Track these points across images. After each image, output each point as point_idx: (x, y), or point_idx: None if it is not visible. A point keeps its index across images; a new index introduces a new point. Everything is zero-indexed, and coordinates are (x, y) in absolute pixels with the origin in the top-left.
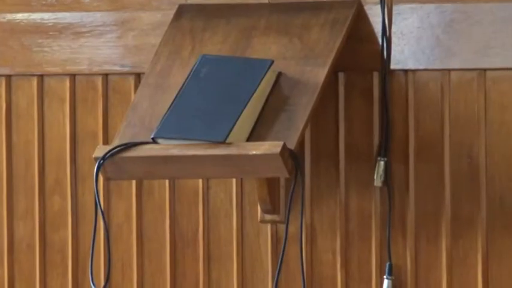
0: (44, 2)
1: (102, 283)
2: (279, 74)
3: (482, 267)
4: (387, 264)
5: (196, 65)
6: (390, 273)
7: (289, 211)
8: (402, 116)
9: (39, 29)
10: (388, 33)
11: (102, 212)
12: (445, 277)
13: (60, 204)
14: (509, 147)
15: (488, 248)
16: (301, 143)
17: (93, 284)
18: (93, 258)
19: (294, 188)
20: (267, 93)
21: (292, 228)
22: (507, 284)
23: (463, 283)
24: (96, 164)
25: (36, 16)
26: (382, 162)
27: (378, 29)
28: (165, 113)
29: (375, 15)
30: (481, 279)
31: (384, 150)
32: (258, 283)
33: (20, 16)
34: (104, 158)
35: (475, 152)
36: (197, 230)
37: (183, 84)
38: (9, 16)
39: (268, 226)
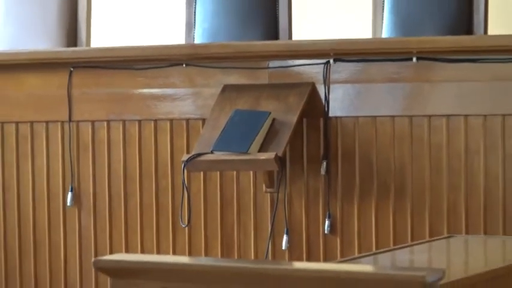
0: (156, 83)
1: (186, 222)
2: (274, 119)
3: (375, 215)
4: (327, 213)
5: (232, 115)
6: (329, 217)
7: (278, 187)
8: (335, 140)
9: (154, 97)
10: (327, 98)
11: (186, 188)
12: (356, 220)
13: (165, 184)
14: (387, 154)
15: (378, 205)
16: (284, 153)
17: (182, 223)
18: (182, 211)
19: (281, 175)
20: (267, 128)
21: (281, 196)
22: (386, 222)
23: (366, 223)
24: (183, 164)
25: (153, 90)
26: (324, 162)
27: (322, 95)
28: (217, 138)
29: (321, 89)
30: (374, 222)
31: (326, 156)
32: (263, 224)
33: (144, 90)
34: (187, 160)
35: (371, 157)
36: (233, 196)
37: (226, 124)
38: (140, 90)
39: (269, 195)
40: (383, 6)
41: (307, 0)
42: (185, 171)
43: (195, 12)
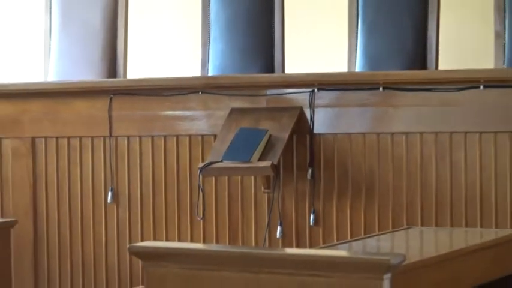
0: (178, 106)
1: (201, 216)
2: (270, 135)
3: (349, 211)
4: (312, 209)
5: (238, 132)
6: (314, 213)
7: (274, 188)
8: (318, 152)
9: (176, 118)
10: (312, 119)
11: (201, 189)
12: (335, 214)
13: (185, 186)
14: (359, 163)
15: (352, 203)
16: (278, 162)
17: (198, 216)
18: (198, 207)
19: (276, 179)
20: (265, 142)
21: (276, 195)
22: (358, 216)
23: (342, 217)
24: (199, 170)
25: (175, 112)
26: (310, 169)
27: (308, 117)
28: (226, 150)
29: (307, 112)
30: (349, 216)
31: (311, 164)
32: (262, 217)
33: (169, 112)
34: (202, 168)
35: (346, 165)
36: (238, 195)
37: (232, 139)
38: (165, 112)
39: (266, 194)
40: (356, 47)
41: (297, 41)
42: (201, 176)
43: (208, 52)
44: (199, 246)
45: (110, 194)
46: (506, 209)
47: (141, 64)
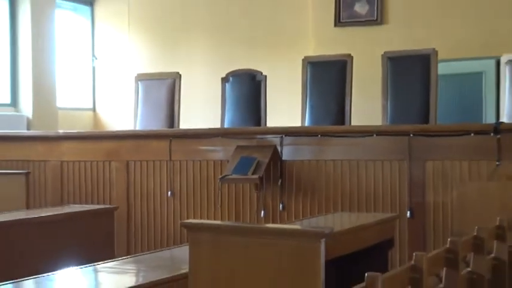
0: (207, 144)
1: (219, 205)
2: (258, 160)
3: (302, 203)
4: (282, 201)
5: (240, 159)
6: (283, 203)
7: (260, 190)
8: (285, 170)
9: (207, 151)
10: (281, 151)
11: (220, 190)
12: (294, 205)
13: (211, 188)
14: (309, 176)
15: (303, 199)
16: (263, 175)
17: (218, 205)
18: (218, 200)
19: (261, 185)
20: (255, 164)
21: (261, 194)
22: (306, 206)
23: (299, 206)
24: (219, 180)
25: (206, 147)
26: (280, 180)
27: (279, 150)
28: (233, 168)
29: (279, 148)
30: (301, 205)
31: (280, 177)
32: (253, 206)
33: (203, 147)
34: (220, 178)
35: (301, 177)
36: (239, 195)
37: (237, 163)
38: (201, 147)
39: (256, 193)
40: (306, 111)
41: (274, 108)
42: (220, 183)
43: (224, 114)
44: (218, 222)
45: (169, 192)
46: (388, 203)
47: (188, 120)
